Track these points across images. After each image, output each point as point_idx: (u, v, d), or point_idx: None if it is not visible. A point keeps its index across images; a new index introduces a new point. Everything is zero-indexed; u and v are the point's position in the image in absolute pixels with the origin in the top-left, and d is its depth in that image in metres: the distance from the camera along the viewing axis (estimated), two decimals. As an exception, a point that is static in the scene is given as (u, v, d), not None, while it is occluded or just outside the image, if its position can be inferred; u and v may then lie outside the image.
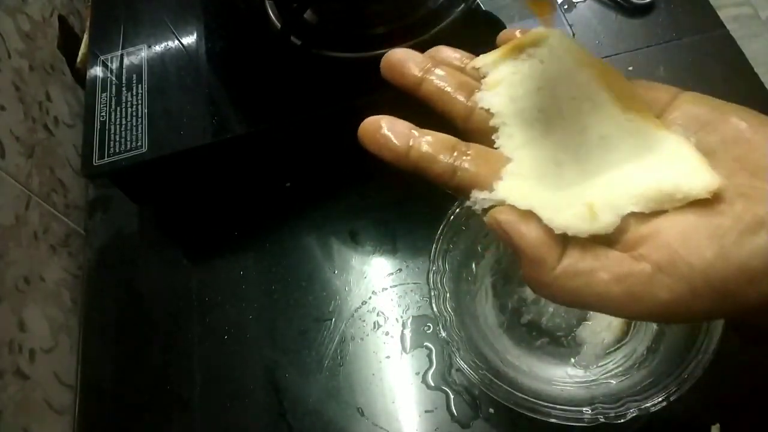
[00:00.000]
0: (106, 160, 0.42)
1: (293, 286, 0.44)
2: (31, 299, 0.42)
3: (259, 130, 0.42)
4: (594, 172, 0.22)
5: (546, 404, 0.32)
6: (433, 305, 0.36)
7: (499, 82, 0.25)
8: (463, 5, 0.43)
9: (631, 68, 0.50)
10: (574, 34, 0.42)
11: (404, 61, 0.26)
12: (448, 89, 0.25)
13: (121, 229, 0.49)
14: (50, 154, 0.50)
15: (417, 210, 0.45)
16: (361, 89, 0.43)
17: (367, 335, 0.42)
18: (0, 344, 0.38)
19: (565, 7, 0.54)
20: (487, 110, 0.24)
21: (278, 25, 0.45)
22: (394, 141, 0.24)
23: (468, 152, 0.23)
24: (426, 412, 0.39)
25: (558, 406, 0.32)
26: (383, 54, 0.42)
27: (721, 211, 0.19)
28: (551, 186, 0.22)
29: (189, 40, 0.47)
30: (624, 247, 0.21)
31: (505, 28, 0.43)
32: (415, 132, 0.24)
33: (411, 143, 0.23)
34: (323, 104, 0.42)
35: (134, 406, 0.42)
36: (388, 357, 0.41)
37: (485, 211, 0.22)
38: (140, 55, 0.46)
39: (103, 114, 0.44)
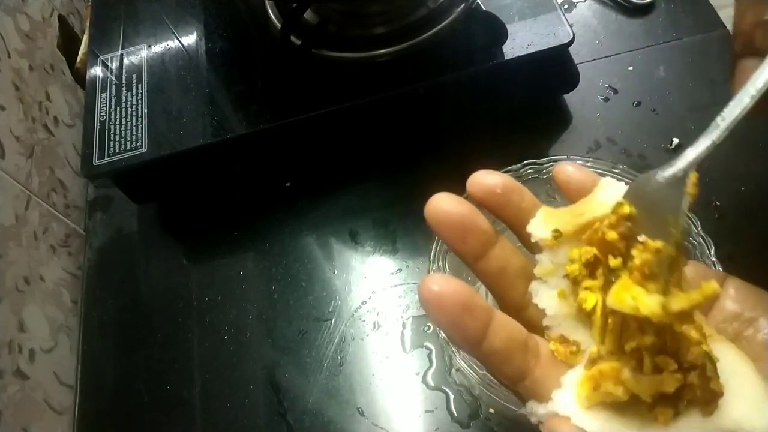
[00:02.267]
0: (106, 160, 0.42)
1: (293, 286, 0.44)
2: (30, 299, 0.42)
3: (259, 130, 0.42)
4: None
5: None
6: (433, 305, 0.36)
7: (554, 272, 0.22)
8: (463, 5, 0.43)
9: (631, 68, 0.50)
10: (574, 35, 0.42)
11: (469, 225, 0.21)
12: (507, 273, 0.22)
13: (121, 229, 0.49)
14: (50, 154, 0.50)
15: (417, 210, 0.44)
16: (360, 89, 0.43)
17: (367, 335, 0.41)
18: (0, 344, 0.38)
19: (565, 7, 0.54)
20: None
21: (278, 25, 0.45)
22: (470, 326, 0.19)
23: (538, 355, 0.21)
24: (426, 412, 0.39)
25: (558, 407, 0.32)
26: (382, 54, 0.42)
27: None
28: (613, 407, 0.19)
29: (189, 40, 0.47)
30: None
31: (505, 28, 0.44)
32: (492, 316, 0.20)
33: (488, 335, 0.20)
34: (323, 104, 0.42)
35: (134, 405, 0.42)
36: (388, 357, 0.41)
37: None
38: (140, 55, 0.46)
39: (103, 114, 0.44)
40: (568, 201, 0.23)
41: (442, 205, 0.22)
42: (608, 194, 0.22)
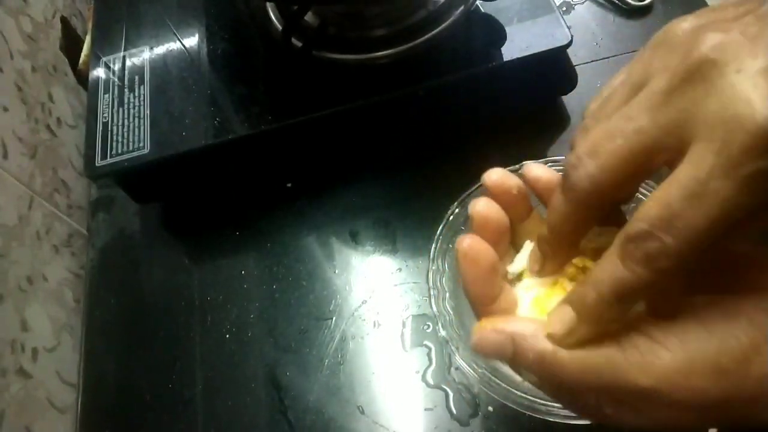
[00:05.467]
0: (109, 160, 0.42)
1: (294, 286, 0.44)
2: (33, 299, 0.43)
3: (260, 132, 0.43)
4: None
5: (544, 402, 0.33)
6: (433, 304, 0.37)
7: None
8: (462, 7, 0.44)
9: (628, 70, 0.50)
10: (572, 37, 0.43)
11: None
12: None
13: (124, 229, 0.49)
14: (53, 154, 0.50)
15: (417, 210, 0.45)
16: (361, 91, 0.43)
17: (368, 334, 0.42)
18: (3, 343, 0.39)
19: (564, 9, 0.54)
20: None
21: (279, 27, 0.45)
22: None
23: None
24: (426, 410, 0.39)
25: (556, 405, 0.33)
26: (383, 56, 0.43)
27: (700, 300, 0.20)
28: None
29: (191, 41, 0.47)
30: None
31: (503, 30, 0.44)
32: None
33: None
34: (324, 106, 0.43)
35: (136, 404, 0.42)
36: (388, 356, 0.41)
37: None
38: (142, 56, 0.47)
39: (106, 115, 0.44)
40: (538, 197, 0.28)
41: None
42: None
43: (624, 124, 0.20)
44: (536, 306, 0.25)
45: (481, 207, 0.26)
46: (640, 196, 0.34)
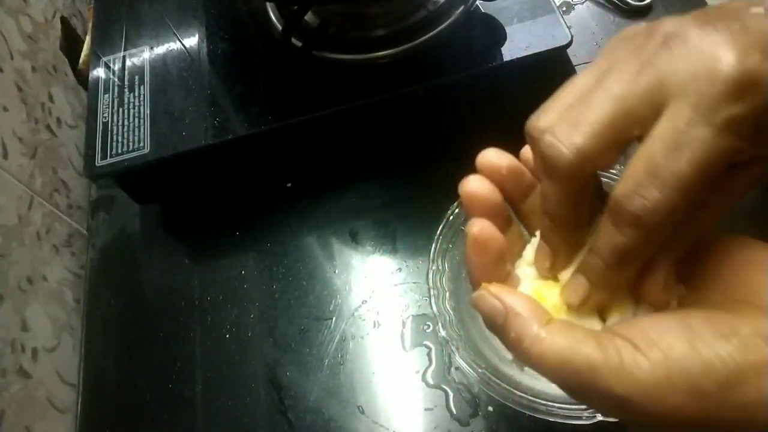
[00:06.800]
0: (109, 160, 0.42)
1: (294, 286, 0.44)
2: (33, 299, 0.43)
3: (260, 131, 0.43)
4: None
5: (544, 402, 0.33)
6: (433, 304, 0.37)
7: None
8: (462, 7, 0.44)
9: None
10: (572, 37, 0.43)
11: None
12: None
13: (124, 229, 0.50)
14: (53, 154, 0.50)
15: (417, 210, 0.45)
16: (361, 91, 0.43)
17: (368, 334, 0.42)
18: (3, 343, 0.39)
19: (563, 9, 0.55)
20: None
21: (279, 27, 0.46)
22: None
23: None
24: (426, 410, 0.39)
25: (556, 405, 0.33)
26: (382, 56, 0.43)
27: (696, 315, 0.20)
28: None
29: (191, 41, 0.47)
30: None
31: (503, 30, 0.44)
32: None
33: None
34: (324, 105, 0.43)
35: (136, 404, 0.42)
36: (387, 355, 0.41)
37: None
38: (142, 56, 0.47)
39: (106, 115, 0.44)
40: None
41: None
42: None
43: (600, 93, 0.20)
44: (535, 295, 0.25)
45: (470, 185, 0.26)
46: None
